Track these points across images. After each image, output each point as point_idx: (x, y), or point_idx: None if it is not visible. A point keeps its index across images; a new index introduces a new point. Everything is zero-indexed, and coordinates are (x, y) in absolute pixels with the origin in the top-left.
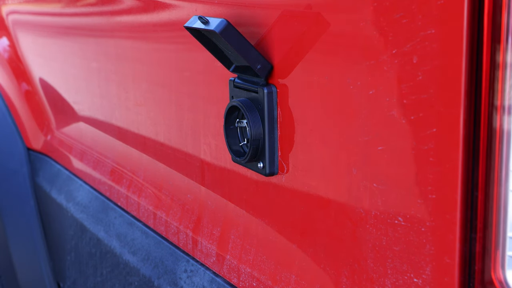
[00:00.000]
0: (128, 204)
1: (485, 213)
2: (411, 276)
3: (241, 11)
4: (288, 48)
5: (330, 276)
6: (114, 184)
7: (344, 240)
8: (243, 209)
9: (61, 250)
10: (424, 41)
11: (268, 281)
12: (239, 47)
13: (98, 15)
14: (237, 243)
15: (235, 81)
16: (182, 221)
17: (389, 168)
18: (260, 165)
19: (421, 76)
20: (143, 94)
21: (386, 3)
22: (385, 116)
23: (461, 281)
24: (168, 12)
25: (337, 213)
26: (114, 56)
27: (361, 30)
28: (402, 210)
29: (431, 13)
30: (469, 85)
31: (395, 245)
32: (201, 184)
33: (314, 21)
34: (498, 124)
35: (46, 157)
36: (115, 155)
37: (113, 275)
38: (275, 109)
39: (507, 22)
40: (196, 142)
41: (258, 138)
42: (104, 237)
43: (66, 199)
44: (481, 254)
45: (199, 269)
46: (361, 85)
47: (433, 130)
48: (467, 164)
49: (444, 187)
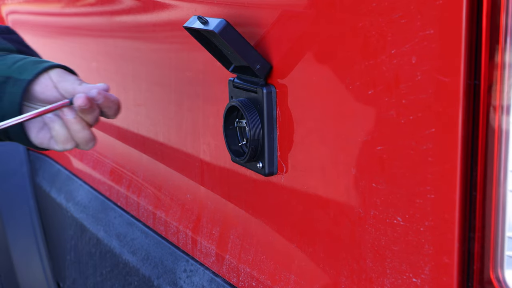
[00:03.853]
0: (127, 204)
1: (483, 213)
2: (410, 275)
3: (240, 11)
4: (287, 48)
5: (329, 276)
6: (114, 184)
7: (343, 240)
8: (243, 209)
9: (60, 250)
10: (423, 41)
11: (267, 281)
12: (238, 47)
13: (98, 15)
14: (236, 243)
15: (235, 81)
16: (182, 221)
17: (388, 168)
18: (259, 165)
19: (420, 76)
20: (142, 94)
21: (385, 3)
22: (384, 116)
23: (459, 280)
24: (167, 12)
25: (336, 213)
26: (113, 56)
27: (360, 30)
28: (401, 210)
29: (430, 13)
30: (468, 85)
31: (394, 245)
32: (200, 184)
33: (313, 21)
34: (496, 124)
35: (45, 157)
36: (115, 155)
37: (113, 275)
38: (274, 109)
39: (506, 22)
40: (195, 142)
41: (257, 138)
42: (104, 237)
43: (66, 199)
44: (480, 254)
45: (199, 269)
46: (360, 85)
47: (432, 130)
48: (466, 164)
49: (443, 187)
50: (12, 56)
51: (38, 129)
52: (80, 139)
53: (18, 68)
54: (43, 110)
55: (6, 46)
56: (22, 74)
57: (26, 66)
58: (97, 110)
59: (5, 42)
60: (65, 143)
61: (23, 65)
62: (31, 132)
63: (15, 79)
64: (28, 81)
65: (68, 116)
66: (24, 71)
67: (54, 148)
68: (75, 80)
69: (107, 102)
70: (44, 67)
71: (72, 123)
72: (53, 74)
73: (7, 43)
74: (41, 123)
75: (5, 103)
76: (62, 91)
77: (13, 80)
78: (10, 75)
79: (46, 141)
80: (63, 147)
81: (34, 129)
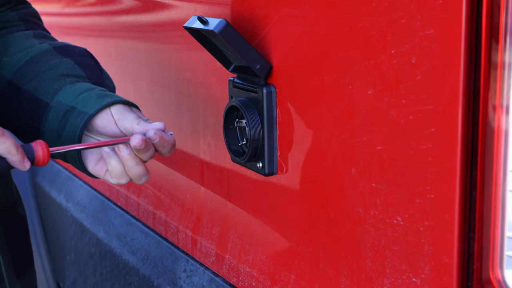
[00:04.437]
0: (127, 204)
1: (483, 212)
2: (410, 275)
3: (240, 11)
4: (287, 48)
5: (329, 275)
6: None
7: (343, 240)
8: (243, 209)
9: (61, 250)
10: (422, 41)
11: (267, 281)
12: (238, 47)
13: (98, 15)
14: (236, 242)
15: (235, 81)
16: (182, 221)
17: (388, 168)
18: (259, 165)
19: (420, 76)
20: (142, 94)
21: (385, 3)
22: (383, 116)
23: (459, 280)
24: (167, 12)
25: (336, 212)
26: (113, 56)
27: (360, 30)
28: (401, 209)
29: (429, 13)
30: (468, 85)
31: (393, 245)
32: (200, 184)
33: (313, 21)
34: (496, 124)
35: None
36: None
37: (113, 274)
38: (274, 109)
39: (505, 22)
40: (195, 142)
41: (257, 138)
42: (104, 237)
43: (66, 199)
44: (480, 254)
45: (199, 268)
46: (360, 85)
47: (432, 130)
48: (465, 163)
49: (443, 186)
50: (80, 85)
51: (96, 161)
52: (133, 174)
53: (83, 99)
54: (101, 142)
55: (76, 73)
56: (85, 107)
57: (90, 98)
58: (152, 149)
59: (77, 68)
60: (120, 177)
61: (88, 97)
62: (89, 162)
63: (79, 111)
64: (90, 115)
65: (123, 152)
66: (88, 104)
67: (109, 181)
68: (134, 119)
69: (162, 142)
70: (107, 102)
71: (127, 159)
72: (114, 110)
73: (78, 69)
74: (99, 155)
75: (67, 132)
76: (121, 128)
77: (77, 112)
78: (74, 106)
79: (102, 174)
80: (117, 181)
81: (92, 160)
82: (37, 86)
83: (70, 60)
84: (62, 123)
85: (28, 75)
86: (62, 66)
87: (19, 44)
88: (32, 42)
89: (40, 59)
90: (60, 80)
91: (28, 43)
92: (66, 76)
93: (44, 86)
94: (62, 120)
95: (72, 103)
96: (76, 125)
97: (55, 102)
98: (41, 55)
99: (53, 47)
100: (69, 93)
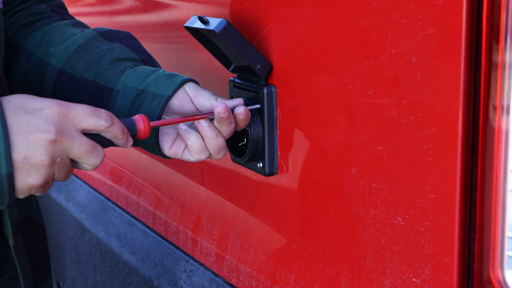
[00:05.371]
0: (127, 204)
1: (483, 213)
2: (410, 275)
3: (240, 11)
4: (287, 48)
5: (329, 276)
6: (114, 184)
7: (343, 240)
8: (243, 209)
9: (61, 250)
10: (423, 41)
11: (267, 281)
12: (239, 47)
13: (98, 15)
14: (236, 243)
15: (235, 81)
16: (182, 221)
17: (388, 168)
18: (259, 165)
19: (420, 76)
20: None
21: (385, 3)
22: (384, 116)
23: (459, 280)
24: (167, 12)
25: (336, 213)
26: None
27: (360, 30)
28: (401, 210)
29: (430, 13)
30: (468, 85)
31: (394, 245)
32: (200, 184)
33: (313, 21)
34: (496, 124)
35: None
36: (115, 155)
37: (113, 275)
38: (274, 109)
39: (506, 22)
40: None
41: (258, 138)
42: (104, 237)
43: (66, 199)
44: (480, 254)
45: (199, 269)
46: (360, 85)
47: (432, 130)
48: (466, 164)
49: (443, 187)
50: (142, 68)
51: (171, 142)
52: (213, 147)
53: (153, 82)
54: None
55: (131, 56)
56: (158, 89)
57: (161, 80)
58: (233, 123)
59: (131, 52)
60: (200, 153)
61: (157, 79)
62: (165, 144)
63: (153, 94)
64: (168, 97)
65: (203, 124)
66: (160, 86)
67: (188, 158)
68: (210, 96)
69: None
70: (180, 82)
71: (207, 131)
72: (188, 88)
73: (132, 52)
74: (174, 135)
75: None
76: (198, 105)
77: (151, 95)
78: (145, 89)
79: (180, 153)
80: (197, 157)
81: (169, 141)
82: (96, 73)
83: (121, 45)
84: (134, 106)
85: (81, 63)
86: (116, 51)
87: (62, 33)
88: (73, 30)
89: (89, 46)
90: (119, 65)
91: (70, 32)
92: (123, 60)
93: (104, 72)
94: (134, 104)
95: (141, 86)
96: (154, 108)
97: (121, 86)
98: (89, 42)
99: (99, 33)
100: (134, 76)
